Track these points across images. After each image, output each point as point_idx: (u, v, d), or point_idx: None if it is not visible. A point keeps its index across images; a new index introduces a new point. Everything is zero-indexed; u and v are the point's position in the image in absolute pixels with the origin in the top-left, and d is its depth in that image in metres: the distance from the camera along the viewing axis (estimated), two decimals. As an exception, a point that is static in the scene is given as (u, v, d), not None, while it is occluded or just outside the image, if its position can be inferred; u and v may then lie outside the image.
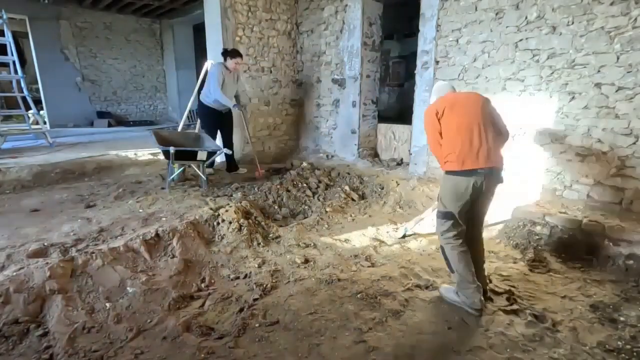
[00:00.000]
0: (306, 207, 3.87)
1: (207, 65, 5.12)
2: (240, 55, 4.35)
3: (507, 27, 3.37)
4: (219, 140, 4.62)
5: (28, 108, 5.83)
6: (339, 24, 5.16)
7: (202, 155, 3.67)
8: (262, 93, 5.59)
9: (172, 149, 3.45)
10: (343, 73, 5.24)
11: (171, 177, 3.76)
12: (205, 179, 3.84)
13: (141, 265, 2.41)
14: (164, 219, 2.95)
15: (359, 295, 2.21)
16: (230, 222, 2.99)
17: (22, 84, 5.67)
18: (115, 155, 5.13)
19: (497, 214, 3.27)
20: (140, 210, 3.15)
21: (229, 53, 4.30)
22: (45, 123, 7.46)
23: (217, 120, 4.51)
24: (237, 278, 2.45)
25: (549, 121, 3.24)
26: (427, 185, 3.98)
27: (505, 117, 3.49)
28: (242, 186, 4.02)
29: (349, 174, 4.67)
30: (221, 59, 4.41)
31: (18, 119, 8.21)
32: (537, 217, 3.04)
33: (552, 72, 3.14)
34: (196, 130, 4.86)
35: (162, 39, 9.76)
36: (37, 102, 7.17)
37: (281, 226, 3.29)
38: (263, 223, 3.22)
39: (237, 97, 4.59)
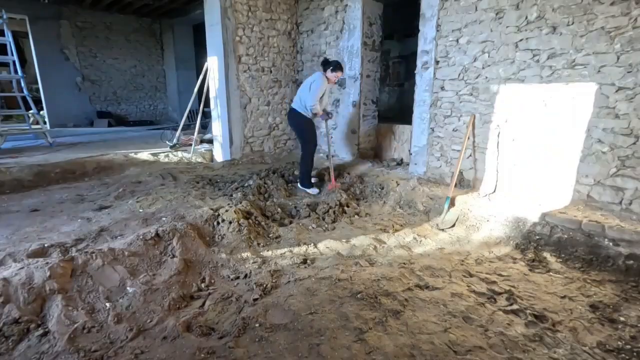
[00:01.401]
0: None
1: (208, 65, 5.13)
2: (342, 69, 4.14)
3: (507, 27, 3.37)
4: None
5: (28, 108, 5.83)
6: (339, 23, 5.16)
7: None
8: (262, 93, 5.59)
9: None
10: (343, 73, 5.24)
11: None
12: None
13: (141, 265, 2.41)
14: (164, 219, 2.96)
15: (359, 295, 2.21)
16: (230, 222, 2.99)
17: (22, 84, 5.67)
18: (115, 155, 5.13)
19: (498, 213, 3.27)
20: (140, 210, 3.16)
21: (333, 65, 4.03)
22: (45, 123, 7.47)
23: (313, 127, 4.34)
24: (237, 278, 2.45)
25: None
26: (427, 185, 3.99)
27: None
28: (242, 186, 4.02)
29: (349, 174, 4.67)
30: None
31: (18, 118, 8.22)
32: (537, 217, 3.04)
33: (552, 72, 3.14)
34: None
35: (162, 39, 9.76)
36: (37, 102, 7.17)
37: (281, 226, 3.29)
38: (263, 223, 3.23)
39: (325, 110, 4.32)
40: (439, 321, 2.00)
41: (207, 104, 5.63)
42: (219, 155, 5.59)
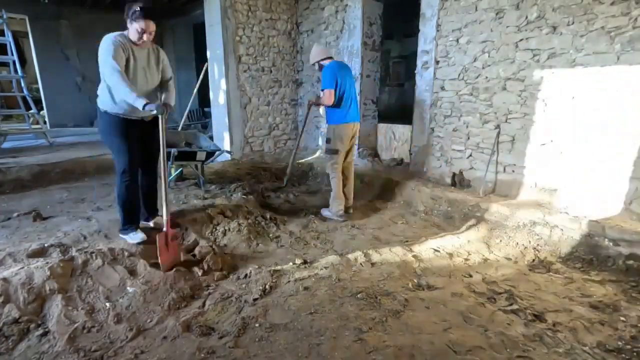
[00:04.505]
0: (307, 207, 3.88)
1: (208, 65, 5.12)
2: (151, 17, 2.33)
3: (507, 27, 3.37)
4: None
5: (28, 108, 5.82)
6: (339, 23, 5.15)
7: (200, 155, 3.65)
8: (262, 93, 5.59)
9: (174, 151, 3.43)
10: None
11: (170, 178, 3.74)
12: (203, 178, 3.83)
13: (141, 264, 2.41)
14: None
15: (359, 295, 2.21)
16: (230, 222, 2.99)
17: (22, 84, 5.66)
18: (115, 155, 5.12)
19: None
20: (140, 210, 3.15)
21: (136, 13, 2.28)
22: (45, 123, 7.46)
23: (130, 134, 2.50)
24: (238, 278, 2.45)
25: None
26: (426, 186, 3.98)
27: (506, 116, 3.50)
28: (241, 186, 4.02)
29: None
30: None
31: (18, 118, 8.21)
32: (537, 217, 3.04)
33: (553, 72, 3.14)
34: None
35: (162, 39, 9.75)
36: (37, 102, 7.16)
37: (284, 219, 3.27)
38: (263, 223, 3.23)
39: (162, 90, 2.70)
40: (439, 321, 2.00)
41: (207, 103, 5.63)
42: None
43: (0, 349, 1.72)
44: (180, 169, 3.91)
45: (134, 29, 2.32)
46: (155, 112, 2.36)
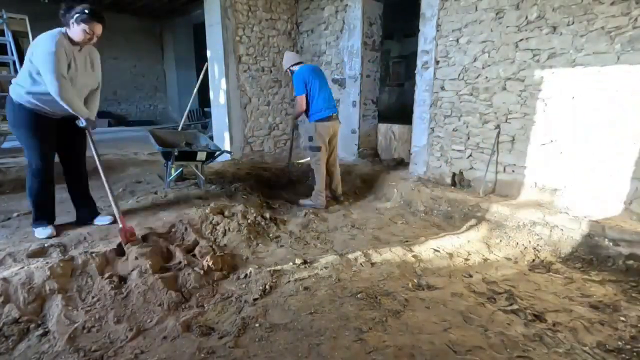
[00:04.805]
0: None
1: (208, 65, 5.12)
2: (102, 20, 2.45)
3: (507, 27, 3.37)
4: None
5: (28, 108, 5.82)
6: (339, 23, 5.16)
7: (201, 155, 3.65)
8: (262, 93, 5.59)
9: (174, 151, 3.42)
10: (343, 73, 5.24)
11: (170, 178, 3.74)
12: (203, 178, 3.83)
13: (142, 265, 2.40)
14: (164, 218, 2.95)
15: (359, 295, 2.21)
16: (230, 222, 2.99)
17: (22, 84, 5.66)
18: (115, 155, 5.13)
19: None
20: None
21: (84, 15, 2.29)
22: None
23: (46, 131, 2.42)
24: (238, 278, 2.45)
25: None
26: (427, 185, 3.98)
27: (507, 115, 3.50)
28: (241, 186, 4.02)
29: (350, 174, 4.66)
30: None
31: (18, 118, 8.21)
32: (537, 217, 3.04)
33: (553, 73, 3.14)
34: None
35: (162, 39, 9.77)
36: (37, 102, 7.15)
37: (284, 219, 3.27)
38: (263, 223, 3.22)
39: (88, 99, 2.60)
40: (439, 321, 2.00)
41: (207, 103, 5.63)
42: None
43: (0, 349, 1.72)
44: (181, 169, 3.91)
45: (80, 30, 2.29)
46: (82, 125, 2.43)
